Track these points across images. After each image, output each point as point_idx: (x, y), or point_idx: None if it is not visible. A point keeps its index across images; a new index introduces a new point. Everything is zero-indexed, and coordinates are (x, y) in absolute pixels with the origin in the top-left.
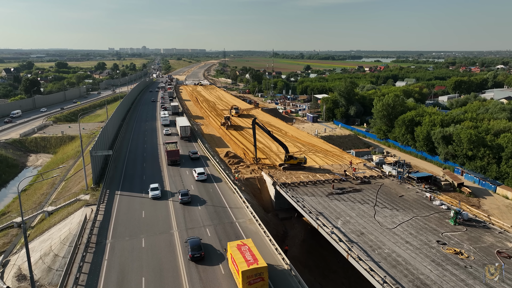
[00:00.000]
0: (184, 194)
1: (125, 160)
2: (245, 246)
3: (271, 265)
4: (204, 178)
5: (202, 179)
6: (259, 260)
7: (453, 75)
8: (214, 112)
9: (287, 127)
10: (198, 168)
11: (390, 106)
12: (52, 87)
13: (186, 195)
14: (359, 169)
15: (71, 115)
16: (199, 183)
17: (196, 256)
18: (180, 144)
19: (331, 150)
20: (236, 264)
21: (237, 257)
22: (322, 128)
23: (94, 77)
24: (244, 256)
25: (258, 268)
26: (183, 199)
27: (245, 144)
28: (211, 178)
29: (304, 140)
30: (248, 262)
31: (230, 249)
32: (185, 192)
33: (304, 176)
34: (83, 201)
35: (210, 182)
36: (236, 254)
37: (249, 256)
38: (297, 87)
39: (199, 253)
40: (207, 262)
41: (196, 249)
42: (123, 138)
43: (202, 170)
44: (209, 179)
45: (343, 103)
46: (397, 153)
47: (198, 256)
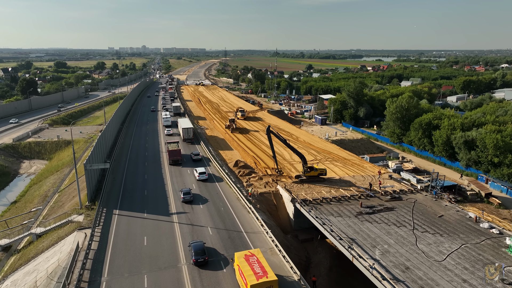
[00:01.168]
0: (186, 193)
1: (124, 171)
2: (254, 257)
3: (281, 276)
4: (205, 178)
5: (203, 178)
6: (269, 273)
7: (459, 75)
8: (218, 114)
9: (298, 132)
10: (199, 168)
11: (404, 108)
12: (50, 87)
13: (188, 194)
14: (382, 177)
15: (69, 117)
16: (203, 192)
17: (200, 260)
18: (182, 145)
19: (349, 158)
20: (244, 277)
21: (245, 269)
22: (332, 131)
23: (94, 77)
24: (252, 268)
25: (268, 282)
26: (185, 198)
27: (253, 150)
28: (212, 178)
29: (318, 146)
30: (257, 275)
31: (238, 260)
32: (187, 191)
33: (326, 190)
34: (75, 224)
35: (211, 181)
36: (244, 265)
37: (258, 268)
38: (301, 87)
39: (202, 258)
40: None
41: (200, 254)
42: (122, 145)
43: (203, 170)
44: (210, 179)
45: (352, 104)
46: (413, 158)
47: (202, 261)
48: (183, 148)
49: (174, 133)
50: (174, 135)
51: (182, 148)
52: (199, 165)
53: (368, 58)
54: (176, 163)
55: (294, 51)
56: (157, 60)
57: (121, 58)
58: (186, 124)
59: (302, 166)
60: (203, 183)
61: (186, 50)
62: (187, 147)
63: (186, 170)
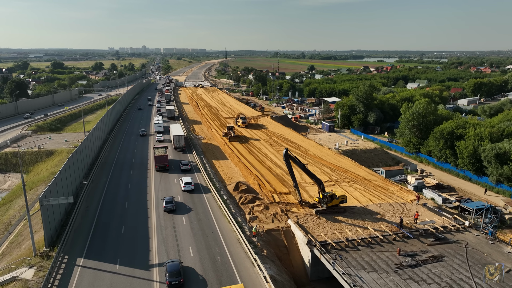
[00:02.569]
0: (169, 202)
1: (102, 196)
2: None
3: None
4: (192, 189)
5: (189, 189)
6: None
7: (466, 76)
8: (217, 121)
9: (306, 143)
10: (185, 177)
11: (421, 114)
12: (41, 89)
13: (171, 202)
14: (414, 203)
15: (57, 123)
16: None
17: (174, 283)
18: (173, 153)
19: (370, 178)
20: None
21: None
22: (341, 139)
23: (90, 78)
24: None
25: None
26: (167, 207)
27: (256, 166)
28: (199, 188)
29: (331, 161)
30: None
31: None
32: (170, 199)
33: (349, 227)
34: (20, 284)
35: (198, 193)
36: None
37: None
38: (304, 89)
39: (177, 280)
40: None
41: (175, 275)
42: (105, 160)
43: (189, 179)
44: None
45: (361, 109)
46: (432, 171)
47: (176, 284)
48: (173, 155)
49: (166, 140)
50: (165, 141)
51: (171, 154)
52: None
53: (369, 59)
54: (163, 170)
55: (294, 52)
56: (157, 60)
57: (121, 58)
58: (177, 131)
59: (319, 194)
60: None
61: (187, 50)
62: (177, 157)
63: (173, 179)
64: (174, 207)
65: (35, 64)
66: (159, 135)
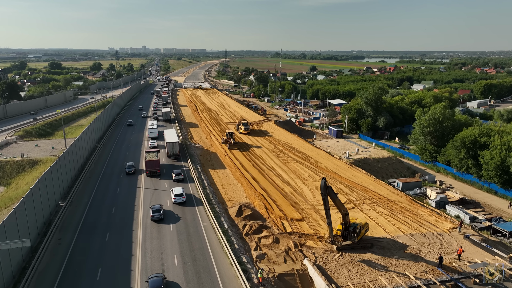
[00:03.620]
0: (156, 211)
1: (78, 227)
2: None
3: None
4: (183, 201)
5: (180, 201)
6: None
7: (471, 77)
8: (217, 127)
9: (314, 152)
10: (176, 188)
11: (438, 120)
12: (34, 91)
13: (158, 211)
14: (451, 233)
15: (47, 127)
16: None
17: None
18: (167, 164)
19: (394, 198)
20: None
21: None
22: (352, 147)
23: (87, 79)
24: None
25: None
26: (154, 216)
27: (261, 182)
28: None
29: (346, 176)
30: None
31: None
32: (158, 208)
33: (381, 271)
34: None
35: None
36: None
37: None
38: (307, 90)
39: None
40: None
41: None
42: (89, 175)
43: (180, 191)
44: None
45: (370, 113)
46: (451, 182)
47: None
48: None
49: (161, 146)
50: (159, 147)
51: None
52: (180, 186)
53: (370, 59)
54: (154, 175)
55: (295, 52)
56: (156, 61)
57: (120, 58)
58: (171, 138)
59: (342, 226)
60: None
61: (187, 50)
62: (171, 166)
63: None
64: (162, 216)
65: (33, 65)
66: (152, 141)
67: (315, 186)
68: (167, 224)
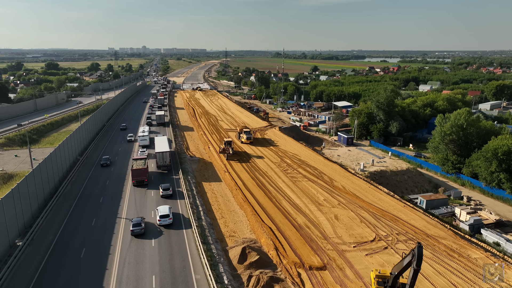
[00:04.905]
0: (137, 224)
1: (39, 268)
2: None
3: None
4: (169, 223)
5: (166, 223)
6: None
7: (478, 77)
8: (216, 134)
9: (327, 166)
10: (161, 206)
11: (462, 127)
12: (25, 93)
13: (139, 225)
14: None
15: (33, 133)
16: None
17: None
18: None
19: (435, 232)
20: None
21: None
22: (364, 156)
23: (83, 80)
24: None
25: None
26: (134, 230)
27: (267, 208)
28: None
29: (369, 199)
30: None
31: None
32: (138, 221)
33: None
34: None
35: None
36: None
37: None
38: (311, 92)
39: None
40: None
41: None
42: (58, 205)
43: (166, 211)
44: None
45: (382, 117)
46: (479, 197)
47: None
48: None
49: (152, 156)
50: (150, 157)
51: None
52: (168, 203)
53: (372, 59)
54: (141, 184)
55: (295, 52)
56: (156, 61)
57: (119, 58)
58: (162, 146)
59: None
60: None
61: (187, 50)
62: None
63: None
64: (142, 230)
65: (30, 65)
66: (142, 150)
67: (334, 215)
68: (148, 274)
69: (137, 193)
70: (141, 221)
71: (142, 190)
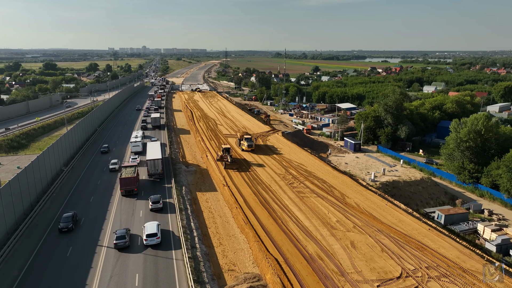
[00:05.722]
0: (121, 237)
1: None
2: None
3: None
4: (157, 242)
5: (153, 243)
6: None
7: (483, 78)
8: (215, 141)
9: (337, 179)
10: (149, 223)
11: (480, 133)
12: (18, 94)
13: (123, 238)
14: None
15: (22, 138)
16: None
17: None
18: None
19: (470, 265)
20: None
21: None
22: (374, 164)
23: (80, 80)
24: None
25: None
26: (118, 243)
27: (272, 231)
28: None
29: (388, 221)
30: None
31: None
32: (123, 233)
33: None
34: None
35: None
36: None
37: None
38: (313, 93)
39: None
40: None
41: None
42: (30, 229)
43: (154, 229)
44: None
45: (390, 121)
46: (502, 211)
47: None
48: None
49: (143, 161)
50: (142, 164)
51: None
52: (157, 217)
53: (372, 59)
54: (129, 194)
55: (295, 52)
56: (155, 61)
57: (119, 58)
58: (153, 153)
59: None
60: None
61: (187, 50)
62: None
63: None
64: (127, 243)
65: (28, 65)
66: (134, 157)
67: (350, 242)
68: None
69: (125, 205)
70: (126, 233)
71: (131, 200)
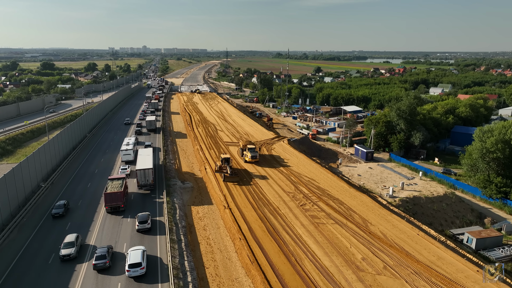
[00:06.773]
0: (101, 257)
1: None
2: None
3: None
4: (141, 273)
5: (137, 275)
6: None
7: (490, 80)
8: (215, 149)
9: (356, 199)
10: (133, 251)
11: (509, 143)
12: (10, 95)
13: (103, 258)
14: None
15: (8, 144)
16: None
17: None
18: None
19: None
20: None
21: None
22: (390, 176)
23: (77, 80)
24: None
25: None
26: (97, 264)
27: (282, 270)
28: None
29: (425, 259)
30: None
31: None
32: (103, 253)
33: None
34: None
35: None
36: None
37: None
38: (317, 95)
39: None
40: None
41: None
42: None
43: (138, 258)
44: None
45: (403, 127)
46: None
47: None
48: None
49: (134, 171)
50: (133, 176)
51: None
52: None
53: (374, 60)
54: (115, 211)
55: (296, 52)
56: (155, 61)
57: (119, 58)
58: (144, 163)
59: None
60: None
61: (187, 50)
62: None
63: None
64: (107, 264)
65: (26, 65)
66: (124, 167)
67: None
68: None
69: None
70: (107, 253)
71: (117, 219)
